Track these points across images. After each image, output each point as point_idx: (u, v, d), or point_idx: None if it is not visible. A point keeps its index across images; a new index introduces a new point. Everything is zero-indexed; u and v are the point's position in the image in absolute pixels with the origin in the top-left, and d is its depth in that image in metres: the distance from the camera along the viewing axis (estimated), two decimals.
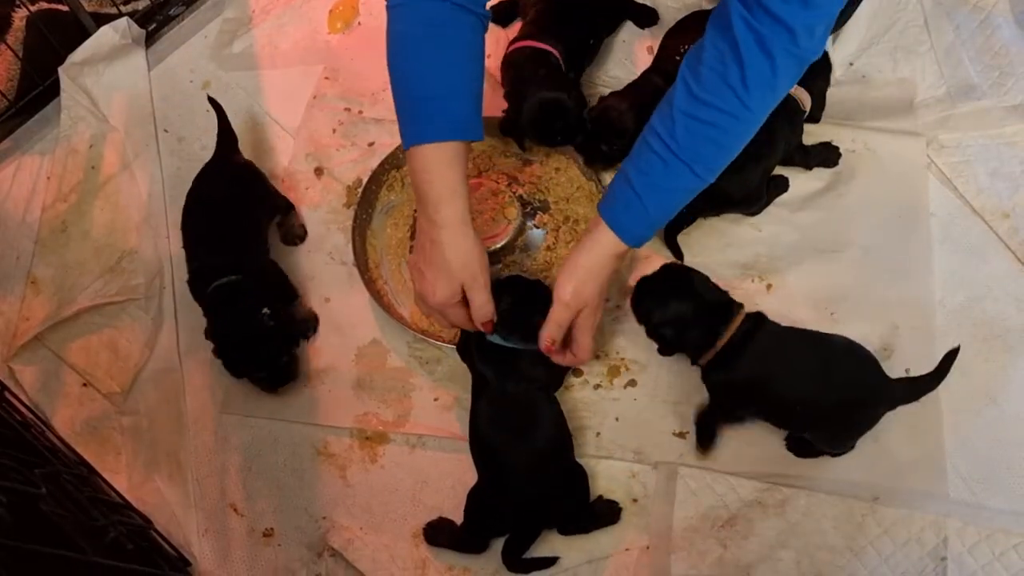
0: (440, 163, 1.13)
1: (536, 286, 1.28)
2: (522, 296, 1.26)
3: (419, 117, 1.13)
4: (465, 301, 1.20)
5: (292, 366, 1.40)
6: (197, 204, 1.45)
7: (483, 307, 1.19)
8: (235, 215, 1.43)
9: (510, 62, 1.49)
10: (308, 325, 1.46)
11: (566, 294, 1.18)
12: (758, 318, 1.23)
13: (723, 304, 1.23)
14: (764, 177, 1.43)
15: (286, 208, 1.53)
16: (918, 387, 1.21)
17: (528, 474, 1.19)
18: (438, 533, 1.27)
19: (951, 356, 1.19)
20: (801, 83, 1.39)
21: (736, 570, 1.23)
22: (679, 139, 1.11)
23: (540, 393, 1.24)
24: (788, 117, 1.38)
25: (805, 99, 1.42)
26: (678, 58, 1.51)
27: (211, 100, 1.53)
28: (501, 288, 1.24)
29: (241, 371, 1.37)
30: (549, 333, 1.19)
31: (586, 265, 1.18)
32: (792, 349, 1.21)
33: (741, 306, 1.23)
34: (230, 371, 1.36)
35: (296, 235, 1.54)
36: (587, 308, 1.20)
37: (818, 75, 1.44)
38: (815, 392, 1.19)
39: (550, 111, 1.42)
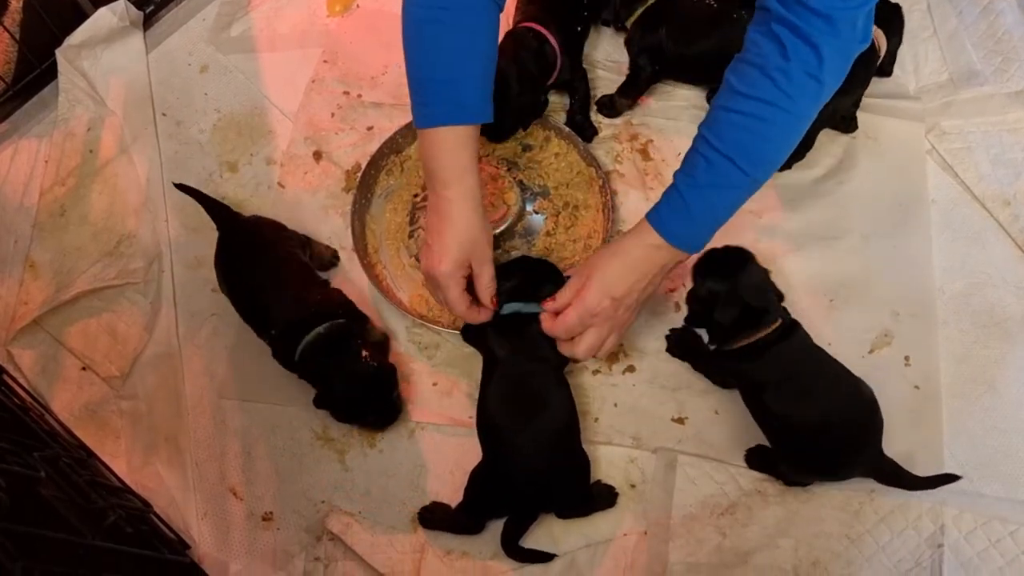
0: (452, 145, 1.15)
1: (542, 262, 1.31)
2: (530, 269, 1.29)
3: (432, 100, 1.15)
4: (468, 282, 1.21)
5: (399, 400, 1.34)
6: (246, 273, 1.34)
7: (490, 284, 1.22)
8: (283, 262, 1.35)
9: (504, 42, 1.49)
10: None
11: (579, 271, 1.21)
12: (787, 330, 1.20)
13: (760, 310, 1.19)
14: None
15: (304, 241, 1.45)
16: (902, 478, 1.19)
17: (535, 457, 1.19)
18: (433, 516, 1.28)
19: (945, 478, 1.19)
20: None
21: (735, 557, 1.23)
22: (721, 135, 1.09)
23: (552, 375, 1.24)
24: (864, 60, 1.29)
25: (881, 42, 1.39)
26: None
27: (182, 188, 1.43)
28: (508, 267, 1.28)
29: (354, 419, 1.32)
30: (556, 300, 1.20)
31: (610, 250, 1.18)
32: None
33: (779, 319, 1.19)
34: (340, 420, 1.32)
35: (327, 258, 1.47)
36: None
37: (893, 33, 1.45)
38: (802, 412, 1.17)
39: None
